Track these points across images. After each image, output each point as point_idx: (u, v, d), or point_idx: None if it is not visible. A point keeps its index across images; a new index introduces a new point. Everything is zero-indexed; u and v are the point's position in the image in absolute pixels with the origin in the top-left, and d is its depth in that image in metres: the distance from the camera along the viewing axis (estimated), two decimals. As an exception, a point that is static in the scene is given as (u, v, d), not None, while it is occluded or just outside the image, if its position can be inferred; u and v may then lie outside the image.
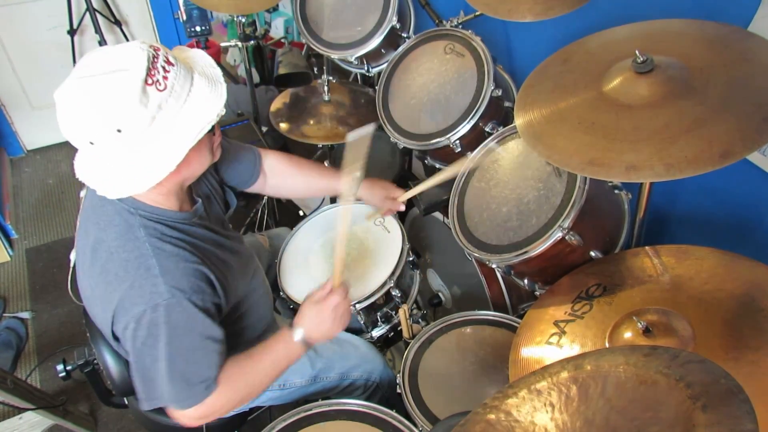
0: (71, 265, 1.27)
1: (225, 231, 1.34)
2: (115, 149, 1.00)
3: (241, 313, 1.36)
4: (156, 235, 1.09)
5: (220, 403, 1.16)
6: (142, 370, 1.12)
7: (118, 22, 3.10)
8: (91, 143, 0.99)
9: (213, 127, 1.07)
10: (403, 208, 1.63)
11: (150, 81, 0.96)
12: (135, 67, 0.96)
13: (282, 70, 2.25)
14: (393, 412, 1.34)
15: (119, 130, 0.97)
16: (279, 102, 2.35)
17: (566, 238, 1.24)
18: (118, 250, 1.08)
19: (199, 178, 1.25)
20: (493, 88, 1.59)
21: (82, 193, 1.19)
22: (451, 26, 1.79)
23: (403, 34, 1.95)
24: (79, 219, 1.21)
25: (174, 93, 1.00)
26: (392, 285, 1.60)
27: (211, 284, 1.14)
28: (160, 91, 0.98)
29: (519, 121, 1.21)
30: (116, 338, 1.15)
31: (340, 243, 1.35)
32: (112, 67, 0.96)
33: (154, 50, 0.99)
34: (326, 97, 2.26)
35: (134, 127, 0.98)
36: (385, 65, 1.94)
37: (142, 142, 1.00)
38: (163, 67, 0.99)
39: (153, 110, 0.98)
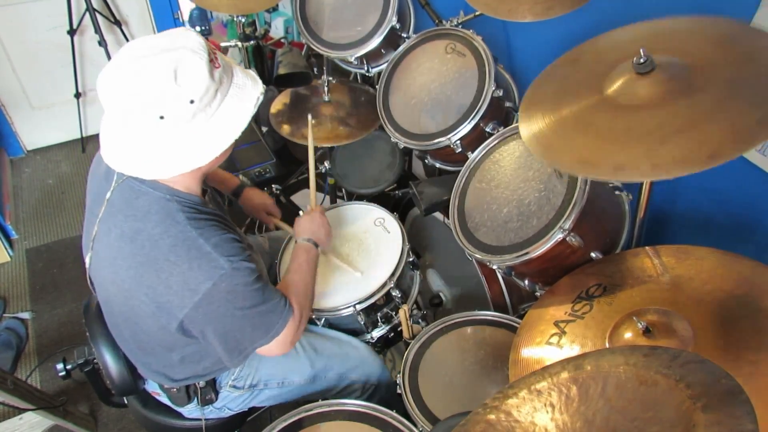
0: (87, 264, 1.27)
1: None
2: (185, 122, 1.05)
3: None
4: (194, 217, 1.15)
5: (300, 312, 1.29)
6: (230, 333, 1.19)
7: (118, 22, 3.10)
8: (161, 117, 1.03)
9: None
10: (272, 227, 1.79)
11: (210, 58, 1.06)
12: (199, 44, 1.05)
13: (282, 70, 2.25)
14: (393, 413, 1.34)
15: (192, 101, 1.03)
16: (279, 103, 2.35)
17: (567, 239, 1.24)
18: (162, 236, 1.12)
19: None
20: (494, 88, 1.59)
21: (108, 195, 1.18)
22: (451, 26, 1.79)
23: (402, 34, 1.95)
24: (99, 222, 1.20)
25: (226, 71, 1.10)
26: (392, 285, 1.60)
27: (243, 240, 1.22)
28: (217, 68, 1.07)
29: (522, 125, 1.21)
30: (181, 325, 1.17)
31: (312, 179, 1.68)
32: (177, 44, 1.03)
33: (202, 36, 1.09)
34: (326, 98, 2.26)
35: (204, 98, 1.05)
36: (384, 65, 1.94)
37: (209, 113, 1.07)
38: (212, 50, 1.08)
39: (216, 83, 1.06)
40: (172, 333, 1.19)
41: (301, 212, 1.61)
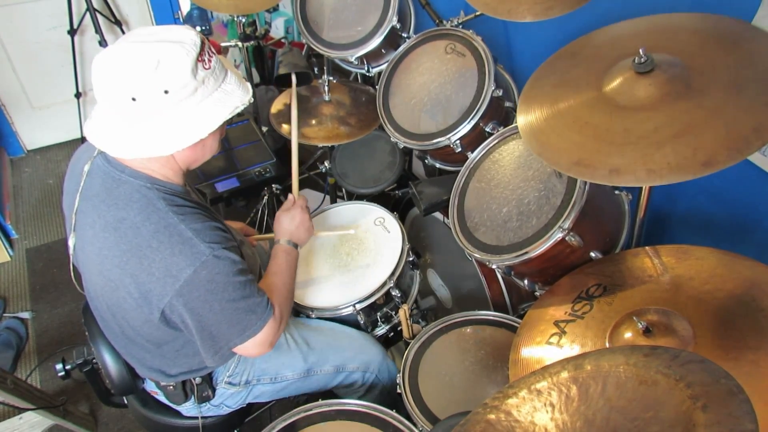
0: (71, 250, 1.27)
1: None
2: (155, 109, 1.08)
3: None
4: (175, 203, 1.17)
5: (281, 314, 1.29)
6: (207, 328, 1.19)
7: (118, 22, 3.10)
8: (134, 99, 1.07)
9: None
10: (254, 244, 1.74)
11: (200, 58, 1.09)
12: (192, 42, 1.09)
13: (282, 70, 2.25)
14: (393, 412, 1.34)
15: (166, 92, 1.07)
16: (280, 103, 2.35)
17: (566, 238, 1.24)
18: (144, 223, 1.13)
19: None
20: (493, 88, 1.59)
21: (86, 168, 1.21)
22: (452, 26, 1.79)
23: (403, 34, 1.95)
24: (79, 199, 1.21)
25: (214, 74, 1.13)
26: (392, 285, 1.60)
27: (228, 231, 1.23)
28: (206, 69, 1.11)
29: (520, 117, 1.21)
30: (163, 315, 1.17)
31: (294, 163, 1.64)
32: (172, 38, 1.08)
33: (202, 37, 1.12)
34: (326, 97, 2.26)
35: (180, 92, 1.08)
36: (385, 65, 1.94)
37: (182, 108, 1.10)
38: (209, 52, 1.12)
39: (198, 82, 1.10)
40: (156, 326, 1.19)
41: (290, 194, 1.59)
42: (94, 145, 1.16)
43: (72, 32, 2.99)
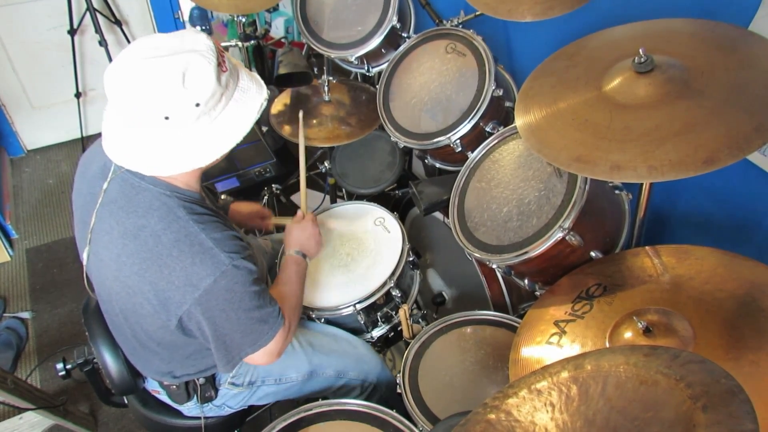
0: (85, 255, 1.26)
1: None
2: (188, 124, 1.07)
3: None
4: (195, 212, 1.16)
5: (290, 324, 1.30)
6: (221, 337, 1.19)
7: (118, 22, 3.10)
8: (167, 118, 1.05)
9: None
10: (270, 228, 1.76)
11: (218, 61, 1.07)
12: (209, 48, 1.06)
13: (282, 70, 2.25)
14: (393, 412, 1.34)
15: (197, 104, 1.05)
16: (279, 103, 2.35)
17: (567, 238, 1.24)
18: (165, 231, 1.13)
19: None
20: (494, 87, 1.59)
21: (105, 185, 1.19)
22: (452, 26, 1.79)
23: (403, 34, 1.95)
24: (96, 213, 1.20)
25: (233, 74, 1.11)
26: (392, 285, 1.60)
27: (244, 241, 1.22)
28: (224, 71, 1.08)
29: (518, 116, 1.22)
30: (180, 322, 1.17)
31: (302, 181, 1.66)
32: (186, 47, 1.04)
33: (214, 39, 1.10)
34: (326, 98, 2.26)
35: (210, 101, 1.07)
36: (385, 65, 1.94)
37: (212, 117, 1.09)
38: (220, 52, 1.09)
39: (223, 87, 1.08)
40: (172, 332, 1.19)
41: (299, 212, 1.60)
42: (126, 167, 1.13)
43: (72, 32, 2.99)
